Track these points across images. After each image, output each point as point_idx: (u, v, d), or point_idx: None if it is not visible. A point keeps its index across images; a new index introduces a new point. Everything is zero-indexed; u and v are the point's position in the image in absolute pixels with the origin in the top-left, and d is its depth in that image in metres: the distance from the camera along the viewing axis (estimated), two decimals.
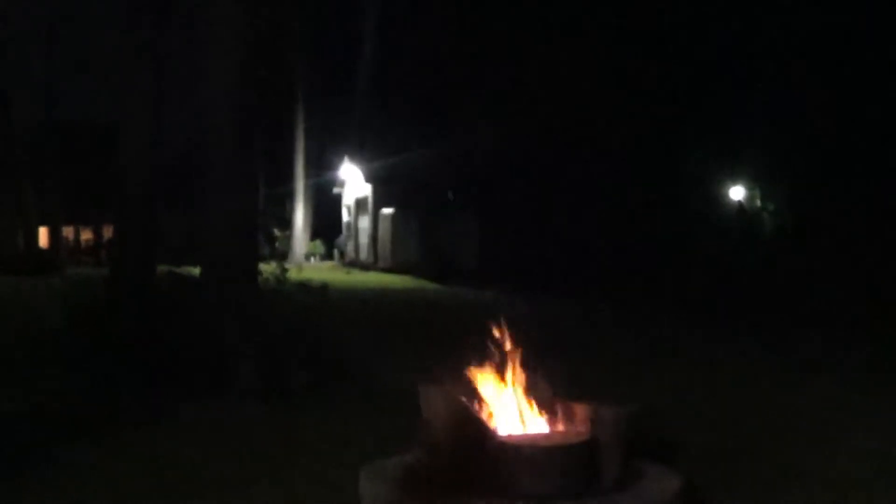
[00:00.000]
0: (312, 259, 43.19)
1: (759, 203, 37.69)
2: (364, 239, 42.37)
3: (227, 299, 10.84)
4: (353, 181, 43.41)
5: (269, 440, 8.11)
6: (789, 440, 8.35)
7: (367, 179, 40.91)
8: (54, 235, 43.24)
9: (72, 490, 6.58)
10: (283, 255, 30.51)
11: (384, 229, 38.63)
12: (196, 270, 12.22)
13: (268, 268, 13.14)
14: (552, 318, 17.58)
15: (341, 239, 47.01)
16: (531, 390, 5.81)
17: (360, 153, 41.83)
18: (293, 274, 13.87)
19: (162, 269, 13.67)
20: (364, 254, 41.92)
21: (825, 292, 20.80)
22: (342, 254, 45.97)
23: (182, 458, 7.49)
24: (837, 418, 9.32)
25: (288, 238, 44.00)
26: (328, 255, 46.48)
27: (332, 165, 44.84)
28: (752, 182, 37.06)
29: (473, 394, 5.71)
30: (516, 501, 5.09)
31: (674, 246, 28.57)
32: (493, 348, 5.92)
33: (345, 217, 46.80)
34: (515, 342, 5.98)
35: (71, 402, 9.63)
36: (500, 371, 5.86)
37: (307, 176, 44.83)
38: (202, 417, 8.93)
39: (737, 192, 37.12)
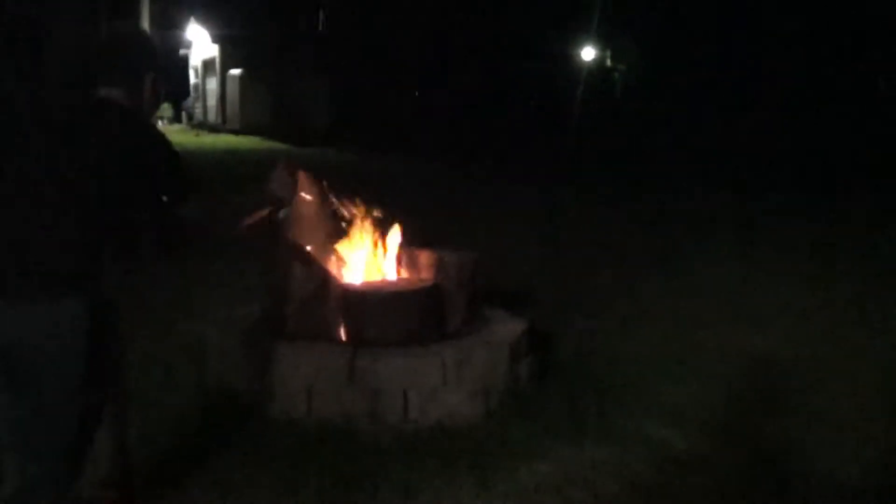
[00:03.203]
0: (160, 122, 41.95)
1: (609, 63, 38.17)
2: (212, 101, 41.40)
3: None
4: (200, 42, 42.08)
5: (124, 296, 7.94)
6: (622, 285, 8.76)
7: (215, 40, 39.76)
8: None
9: None
10: None
11: (232, 91, 37.79)
12: None
13: None
14: (399, 176, 17.74)
15: (189, 101, 45.79)
16: (376, 239, 5.84)
17: (207, 13, 40.52)
18: None
19: None
20: (212, 116, 41.00)
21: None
22: (191, 116, 44.85)
23: None
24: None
25: None
26: (176, 118, 45.26)
27: (179, 26, 43.29)
28: (602, 43, 37.37)
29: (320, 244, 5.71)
30: (362, 346, 5.16)
31: (521, 107, 28.84)
32: (339, 201, 5.90)
33: (193, 79, 45.52)
34: (361, 195, 5.98)
35: None
36: (346, 222, 5.85)
37: (153, 37, 43.06)
38: None
39: (588, 53, 37.36)
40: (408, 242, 5.86)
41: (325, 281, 5.40)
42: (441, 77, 30.07)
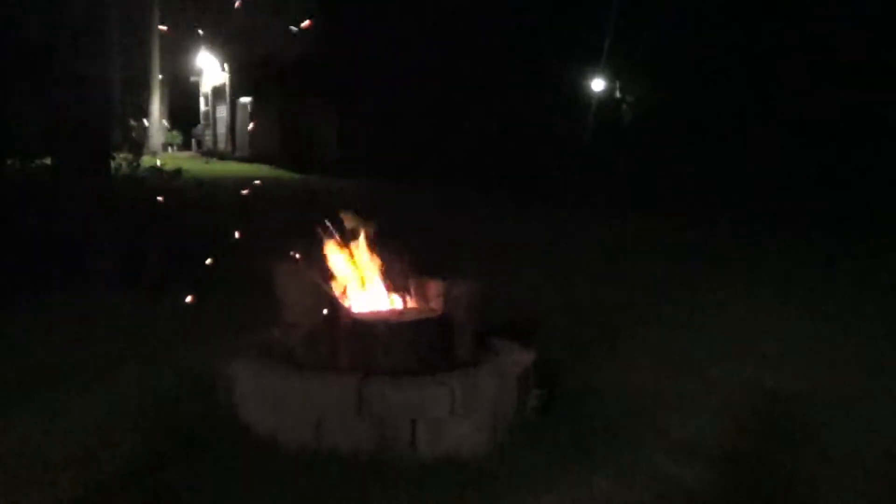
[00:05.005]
0: (170, 149, 42.09)
1: (618, 94, 38.21)
2: (222, 128, 41.61)
3: (79, 188, 10.50)
4: (210, 69, 42.33)
5: (130, 327, 7.97)
6: (628, 316, 8.75)
7: (225, 68, 40.00)
8: None
9: None
10: (138, 145, 29.56)
11: (242, 119, 37.97)
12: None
13: (122, 156, 12.74)
14: (407, 204, 17.77)
15: (199, 128, 46.00)
16: (385, 269, 5.84)
17: (217, 41, 40.74)
18: (147, 162, 13.49)
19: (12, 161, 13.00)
20: (222, 143, 41.19)
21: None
22: (200, 144, 45.05)
23: (44, 345, 7.33)
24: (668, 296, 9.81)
25: (144, 128, 42.67)
26: (186, 146, 45.44)
27: (189, 53, 43.53)
28: (612, 75, 37.40)
29: (327, 273, 5.71)
30: (371, 376, 5.15)
31: (531, 137, 28.91)
32: (347, 230, 5.90)
33: (202, 106, 45.73)
34: (369, 225, 5.97)
35: None
36: (355, 251, 5.86)
37: (163, 64, 43.35)
38: (60, 306, 8.69)
39: (597, 85, 37.37)
40: (417, 272, 5.86)
41: (333, 310, 5.41)
42: (451, 104, 30.07)
